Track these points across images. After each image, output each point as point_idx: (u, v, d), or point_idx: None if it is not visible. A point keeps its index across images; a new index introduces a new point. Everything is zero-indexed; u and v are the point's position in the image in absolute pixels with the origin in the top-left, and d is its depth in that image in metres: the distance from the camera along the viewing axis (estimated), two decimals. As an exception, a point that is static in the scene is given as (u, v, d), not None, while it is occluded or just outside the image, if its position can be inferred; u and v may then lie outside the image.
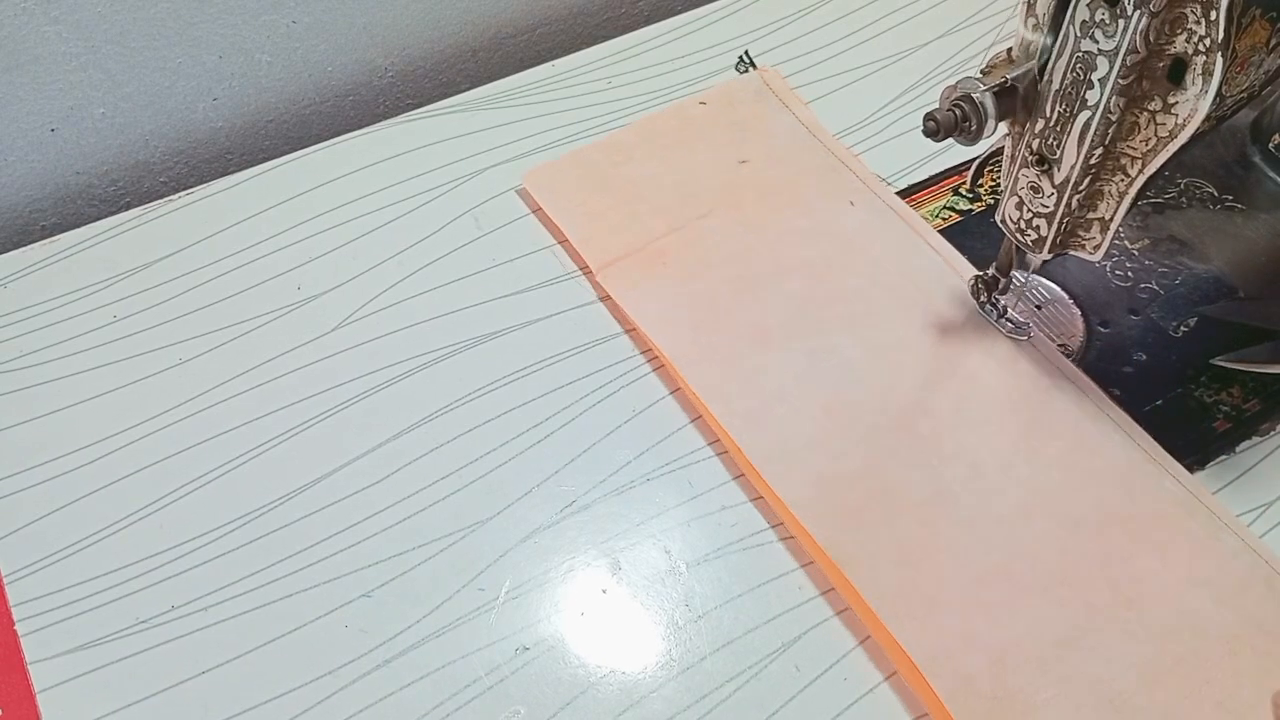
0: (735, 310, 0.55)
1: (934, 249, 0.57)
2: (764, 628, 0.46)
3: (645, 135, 0.63)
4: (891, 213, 0.59)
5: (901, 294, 0.56)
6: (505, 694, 0.44)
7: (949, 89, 0.44)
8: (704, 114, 0.64)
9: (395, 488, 0.50)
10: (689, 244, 0.58)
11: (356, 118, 0.70)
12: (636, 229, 0.58)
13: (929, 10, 0.70)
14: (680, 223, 0.58)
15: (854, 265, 0.57)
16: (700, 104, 0.65)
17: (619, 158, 0.62)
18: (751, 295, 0.56)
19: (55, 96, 0.59)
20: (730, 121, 0.64)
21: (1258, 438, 0.51)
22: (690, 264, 0.57)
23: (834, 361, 0.53)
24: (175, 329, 0.55)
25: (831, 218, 0.59)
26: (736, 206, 0.59)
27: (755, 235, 0.58)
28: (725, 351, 0.53)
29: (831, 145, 0.62)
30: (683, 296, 0.56)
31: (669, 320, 0.55)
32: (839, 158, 0.62)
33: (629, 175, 0.61)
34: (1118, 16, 0.39)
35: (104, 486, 0.50)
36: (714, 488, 0.50)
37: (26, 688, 0.44)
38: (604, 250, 0.57)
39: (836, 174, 0.61)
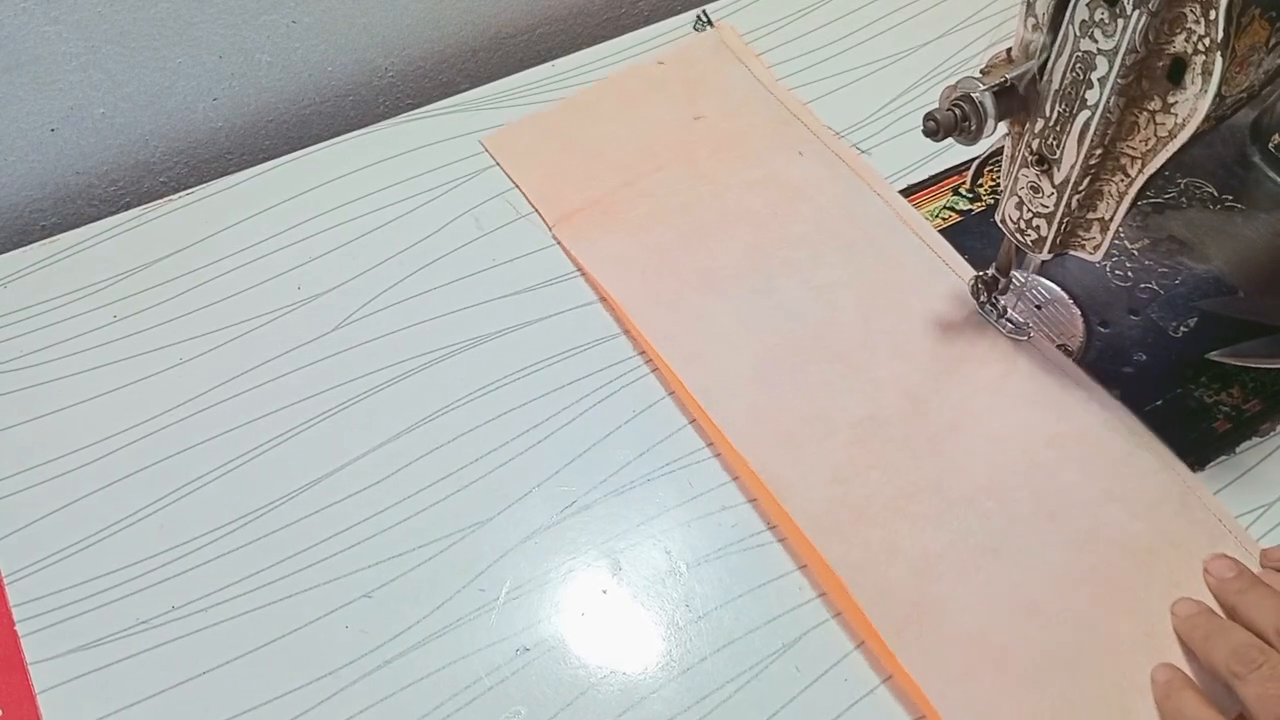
0: (684, 258, 0.57)
1: (882, 197, 0.60)
2: (764, 628, 0.46)
3: (603, 95, 0.65)
4: (839, 162, 0.61)
5: (844, 237, 0.58)
6: (505, 694, 0.44)
7: (949, 89, 0.44)
8: (661, 72, 0.66)
9: (395, 488, 0.50)
10: (642, 196, 0.60)
11: (356, 118, 0.70)
12: (592, 184, 0.61)
13: (929, 10, 0.70)
14: (634, 177, 0.61)
15: (800, 213, 0.59)
16: (659, 63, 0.67)
17: (577, 117, 0.64)
18: (700, 243, 0.58)
19: (55, 96, 0.59)
20: (687, 79, 0.66)
21: (1258, 438, 0.51)
22: (642, 216, 0.59)
23: (775, 302, 0.55)
24: (175, 329, 0.55)
25: (780, 168, 0.61)
26: (690, 160, 0.62)
27: (706, 187, 0.60)
28: (672, 296, 0.56)
29: (784, 98, 0.65)
30: (634, 246, 0.58)
31: (620, 268, 0.57)
32: (791, 110, 0.64)
33: (587, 134, 0.63)
34: (1117, 16, 0.39)
35: (104, 486, 0.50)
36: (714, 488, 0.50)
37: (26, 688, 0.44)
38: (560, 204, 0.60)
39: (788, 126, 0.63)
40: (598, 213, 0.59)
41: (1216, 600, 0.45)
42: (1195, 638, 0.43)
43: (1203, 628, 0.43)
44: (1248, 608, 0.43)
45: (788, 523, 0.48)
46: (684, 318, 0.55)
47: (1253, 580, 0.44)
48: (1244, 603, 0.43)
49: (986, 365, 0.52)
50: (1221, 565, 0.45)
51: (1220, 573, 0.45)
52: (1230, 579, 0.44)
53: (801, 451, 0.50)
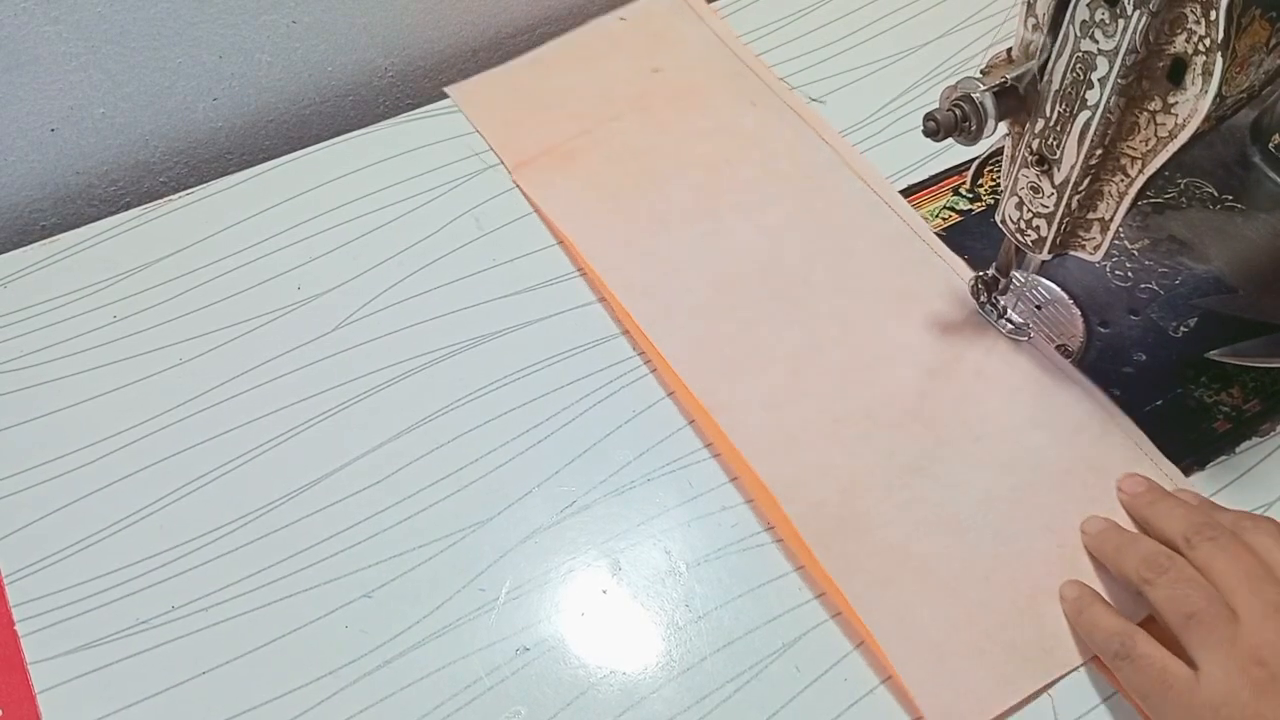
0: (638, 200, 0.60)
1: (830, 145, 0.62)
2: (764, 628, 0.46)
3: (566, 50, 0.68)
4: (790, 111, 0.64)
5: (792, 181, 0.60)
6: (505, 694, 0.44)
7: (949, 89, 0.44)
8: (622, 28, 0.68)
9: (395, 488, 0.50)
10: (599, 144, 0.62)
11: (356, 118, 0.70)
12: (552, 132, 0.63)
13: (929, 10, 0.70)
14: (592, 125, 0.63)
15: (750, 158, 0.62)
16: (620, 19, 0.69)
17: (540, 70, 0.66)
18: (653, 187, 0.60)
19: (55, 96, 0.59)
20: (647, 34, 0.68)
21: (1258, 438, 0.51)
22: (599, 161, 0.61)
23: (724, 242, 0.58)
24: (175, 329, 0.55)
25: (733, 118, 0.64)
26: (646, 110, 0.64)
27: (662, 135, 0.63)
28: (626, 236, 0.58)
29: (740, 52, 0.67)
30: (590, 190, 0.60)
31: (576, 211, 0.59)
32: (746, 63, 0.66)
33: (548, 85, 0.65)
34: (1117, 16, 0.39)
35: (104, 486, 0.50)
36: (714, 488, 0.50)
37: (26, 688, 0.44)
38: (520, 151, 0.62)
39: (742, 78, 0.66)
40: (557, 158, 0.61)
41: (1128, 515, 0.47)
42: (1107, 550, 0.45)
43: (1113, 541, 0.45)
44: (1157, 519, 0.44)
45: (725, 443, 0.50)
46: (635, 255, 0.57)
47: (1162, 494, 0.46)
48: (1154, 514, 0.45)
49: (921, 303, 0.55)
50: (1133, 482, 0.47)
51: (1131, 489, 0.47)
52: (1141, 493, 0.46)
53: (740, 379, 0.52)
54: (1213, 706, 0.37)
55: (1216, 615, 0.38)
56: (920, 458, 0.50)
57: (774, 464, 0.49)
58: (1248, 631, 0.38)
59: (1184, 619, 0.39)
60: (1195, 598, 0.39)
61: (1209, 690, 0.37)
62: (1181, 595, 0.39)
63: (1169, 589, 0.40)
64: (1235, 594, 0.39)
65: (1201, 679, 0.38)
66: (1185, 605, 0.39)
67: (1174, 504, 0.45)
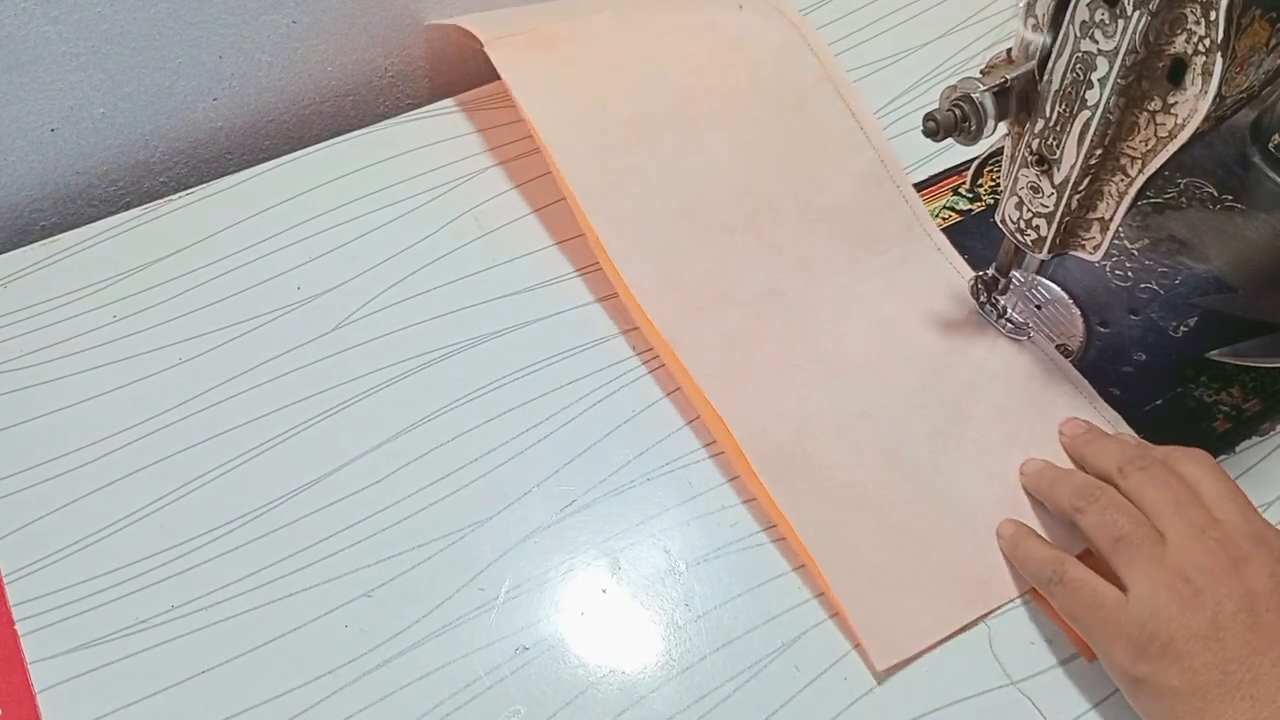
0: (612, 98, 0.57)
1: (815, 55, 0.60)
2: (764, 627, 0.46)
3: None
4: (779, 15, 0.62)
5: (774, 94, 0.59)
6: (505, 694, 0.44)
7: (949, 89, 0.44)
8: None
9: (395, 487, 0.50)
10: (579, 31, 0.60)
11: (356, 118, 0.70)
12: (533, 18, 0.60)
13: (929, 10, 0.70)
14: (574, 15, 0.61)
15: (734, 63, 0.60)
16: None
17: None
18: (632, 84, 0.58)
19: (55, 96, 0.59)
20: None
21: (1257, 438, 0.51)
22: (576, 49, 0.59)
23: (699, 159, 0.57)
24: (175, 329, 0.55)
25: (720, 17, 0.61)
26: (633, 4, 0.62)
27: (644, 30, 0.61)
28: (598, 139, 0.56)
29: None
30: (565, 79, 0.58)
31: (548, 101, 0.57)
32: None
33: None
34: (1117, 17, 0.39)
35: (104, 486, 0.50)
36: (713, 487, 0.50)
37: (26, 688, 0.44)
38: (496, 29, 0.59)
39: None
40: (536, 39, 0.59)
41: (1068, 455, 0.49)
42: (1042, 485, 0.47)
43: (1048, 476, 0.47)
44: (1094, 455, 0.46)
45: (686, 378, 0.51)
46: (606, 166, 0.56)
47: (1100, 433, 0.48)
48: (1090, 451, 0.47)
49: (881, 253, 0.56)
50: (1073, 425, 0.49)
51: (1072, 430, 0.49)
52: (1080, 434, 0.48)
53: (703, 319, 0.53)
54: (1140, 622, 0.38)
55: (1144, 537, 0.40)
56: (870, 405, 0.51)
57: (732, 402, 0.51)
58: (1173, 551, 0.39)
59: (1113, 542, 0.41)
60: (1123, 522, 0.41)
61: (1137, 607, 0.39)
62: (1110, 520, 0.41)
63: (1099, 515, 0.42)
64: (1162, 518, 0.41)
65: (1130, 598, 0.39)
66: (1114, 529, 0.41)
67: (1109, 441, 0.47)
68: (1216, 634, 0.37)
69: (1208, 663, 0.37)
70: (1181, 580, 0.39)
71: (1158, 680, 0.38)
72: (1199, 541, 0.39)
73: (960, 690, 0.44)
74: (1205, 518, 0.40)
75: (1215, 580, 0.38)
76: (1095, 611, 0.40)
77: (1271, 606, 0.38)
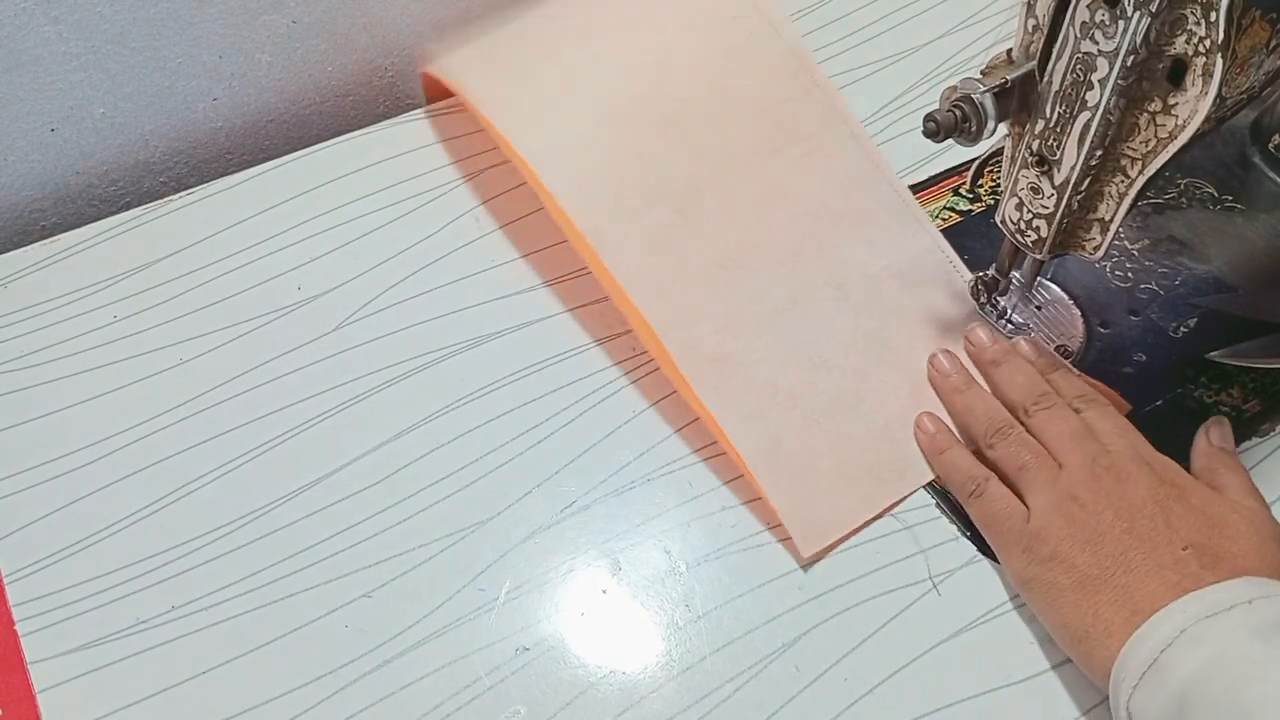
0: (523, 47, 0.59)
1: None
2: (764, 628, 0.46)
3: None
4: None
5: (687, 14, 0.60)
6: (505, 694, 0.44)
7: (949, 90, 0.44)
8: None
9: (395, 488, 0.50)
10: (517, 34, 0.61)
11: (356, 118, 0.70)
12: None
13: (929, 10, 0.70)
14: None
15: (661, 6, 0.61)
16: None
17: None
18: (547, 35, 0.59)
19: (55, 96, 0.59)
20: None
21: (1258, 438, 0.51)
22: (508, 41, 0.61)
23: (612, 62, 0.58)
24: (175, 329, 0.55)
25: None
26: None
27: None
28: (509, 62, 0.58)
29: None
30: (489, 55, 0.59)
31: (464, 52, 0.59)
32: None
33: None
34: (1118, 18, 0.39)
35: (104, 486, 0.50)
36: (714, 488, 0.50)
37: (26, 688, 0.44)
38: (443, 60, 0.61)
39: None
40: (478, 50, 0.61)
41: (974, 366, 0.52)
42: (956, 406, 0.51)
43: (964, 397, 0.51)
44: (1002, 381, 0.50)
45: (611, 283, 0.52)
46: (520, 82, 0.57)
47: (1005, 352, 0.51)
48: (998, 375, 0.51)
49: (795, 143, 0.58)
50: (980, 335, 0.52)
51: (979, 341, 0.52)
52: (987, 348, 0.52)
53: (627, 217, 0.54)
54: (1034, 532, 0.44)
55: (1043, 465, 0.46)
56: (786, 304, 0.54)
57: (657, 302, 0.52)
58: (1067, 476, 0.45)
59: (1017, 470, 0.46)
60: (1027, 455, 0.46)
61: (1036, 520, 0.44)
62: (1016, 453, 0.47)
63: (1006, 449, 0.47)
64: (1061, 451, 0.46)
65: (1031, 513, 0.45)
66: (1018, 460, 0.47)
67: (1017, 367, 0.50)
68: (1097, 540, 0.43)
69: (1088, 562, 0.42)
70: (1070, 499, 0.44)
71: (1045, 579, 0.43)
72: (1089, 469, 0.45)
73: (960, 690, 0.44)
74: (1098, 449, 0.46)
75: (1099, 497, 0.44)
76: (1002, 523, 0.46)
77: (1147, 515, 0.43)
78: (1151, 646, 0.39)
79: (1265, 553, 0.42)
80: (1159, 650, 0.38)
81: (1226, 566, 0.41)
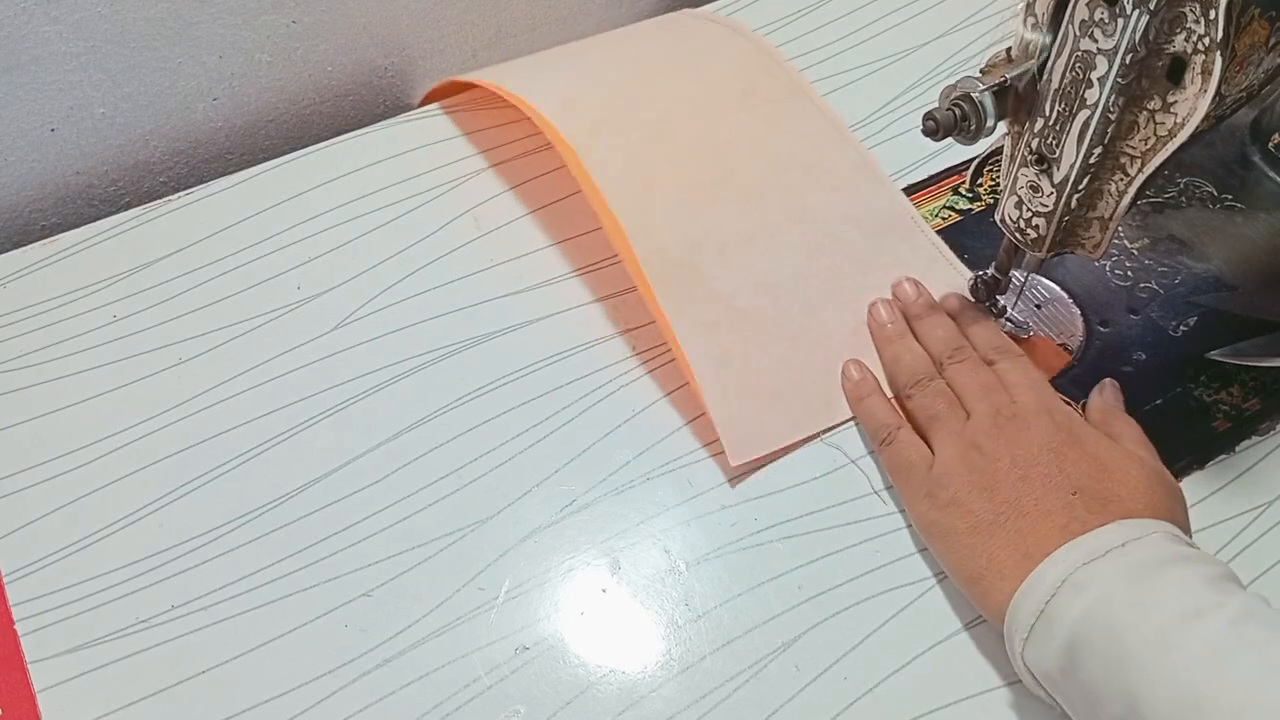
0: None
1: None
2: (764, 627, 0.46)
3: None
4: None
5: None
6: (505, 694, 0.44)
7: (948, 88, 0.44)
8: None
9: (395, 487, 0.50)
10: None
11: (356, 118, 0.70)
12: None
13: (929, 10, 0.70)
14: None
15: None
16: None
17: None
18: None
19: (55, 96, 0.59)
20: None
21: (1257, 437, 0.51)
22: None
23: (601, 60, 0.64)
24: (175, 329, 0.55)
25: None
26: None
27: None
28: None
29: None
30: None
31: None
32: None
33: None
34: (1117, 16, 0.39)
35: (104, 486, 0.50)
36: (714, 487, 0.50)
37: (26, 688, 0.44)
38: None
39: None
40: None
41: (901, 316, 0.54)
42: (886, 355, 0.53)
43: (894, 347, 0.52)
44: (923, 333, 0.52)
45: (588, 183, 0.55)
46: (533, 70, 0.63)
47: (928, 305, 0.53)
48: (921, 327, 0.53)
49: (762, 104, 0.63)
50: (904, 289, 0.54)
51: (904, 296, 0.54)
52: (911, 302, 0.54)
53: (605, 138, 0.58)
54: (938, 479, 0.46)
55: (952, 415, 0.48)
56: (750, 232, 0.57)
57: (630, 207, 0.55)
58: (972, 425, 0.47)
59: (929, 419, 0.48)
60: (940, 405, 0.48)
61: (939, 468, 0.46)
62: (929, 404, 0.49)
63: (921, 399, 0.49)
64: (970, 401, 0.48)
65: (936, 461, 0.47)
66: (931, 410, 0.49)
67: (935, 323, 0.52)
68: (993, 487, 0.44)
69: (984, 508, 0.44)
70: (973, 447, 0.46)
71: (944, 523, 0.45)
72: (992, 418, 0.46)
73: (960, 690, 0.44)
74: (1004, 400, 0.47)
75: (999, 445, 0.45)
76: (908, 470, 0.47)
77: (1042, 462, 0.44)
78: (1039, 596, 0.40)
79: (1153, 495, 0.43)
80: (1045, 600, 0.40)
81: (1113, 509, 0.42)
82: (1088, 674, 0.38)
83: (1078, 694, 0.39)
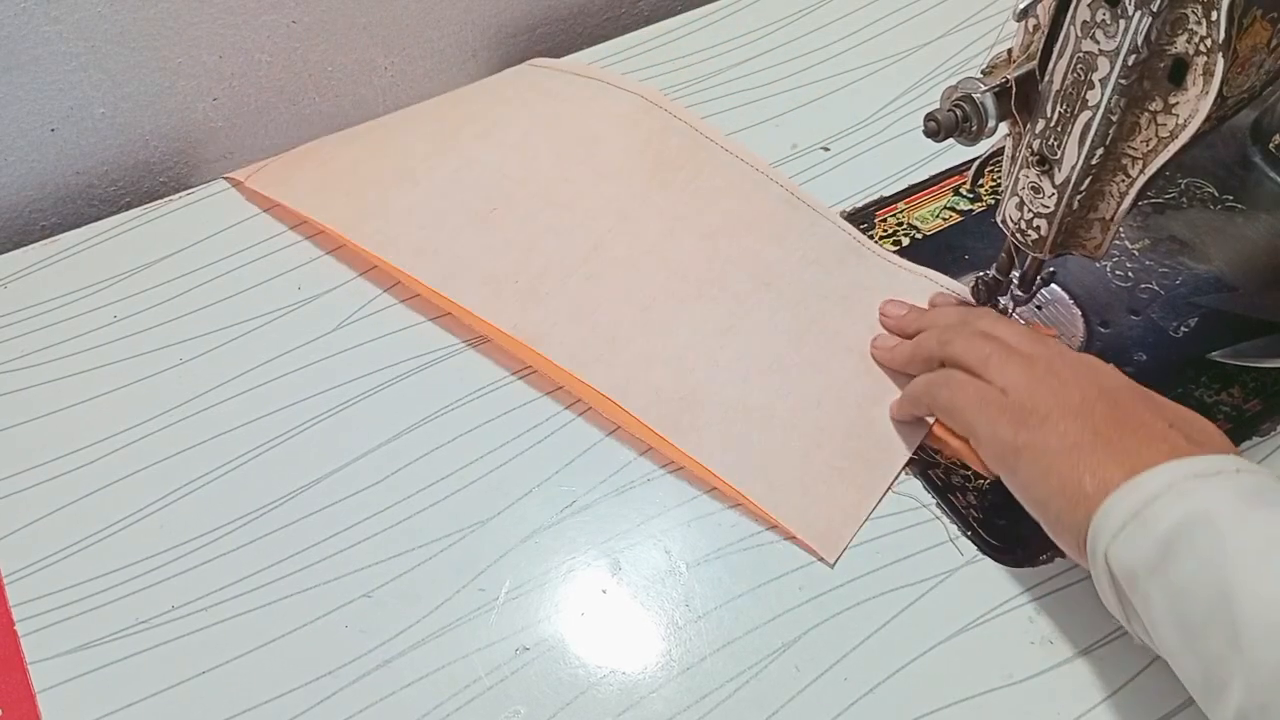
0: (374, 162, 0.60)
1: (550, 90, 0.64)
2: (764, 628, 0.46)
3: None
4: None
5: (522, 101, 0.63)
6: (505, 694, 0.44)
7: (949, 89, 0.44)
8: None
9: (395, 488, 0.50)
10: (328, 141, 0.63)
11: (356, 118, 0.70)
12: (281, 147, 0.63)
13: (929, 10, 0.70)
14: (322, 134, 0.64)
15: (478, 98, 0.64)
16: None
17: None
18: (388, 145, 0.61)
19: (55, 96, 0.59)
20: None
21: (1258, 438, 0.51)
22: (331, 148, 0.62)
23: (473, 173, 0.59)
24: (175, 329, 0.55)
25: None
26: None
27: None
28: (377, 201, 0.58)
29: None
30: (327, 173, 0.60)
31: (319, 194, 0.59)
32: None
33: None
34: (1119, 17, 0.39)
35: (104, 486, 0.50)
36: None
37: (26, 688, 0.44)
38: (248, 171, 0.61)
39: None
40: (289, 160, 0.61)
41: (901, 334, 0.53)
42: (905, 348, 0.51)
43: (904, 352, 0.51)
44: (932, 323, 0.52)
45: (555, 369, 0.52)
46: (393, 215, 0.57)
47: (919, 314, 0.53)
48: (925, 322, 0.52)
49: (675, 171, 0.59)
50: (892, 307, 0.54)
51: (893, 312, 0.54)
52: (902, 315, 0.53)
53: (544, 300, 0.54)
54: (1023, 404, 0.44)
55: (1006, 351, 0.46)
56: (728, 319, 0.54)
57: (602, 369, 0.52)
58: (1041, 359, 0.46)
59: (981, 360, 0.46)
60: (986, 346, 0.47)
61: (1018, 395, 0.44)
62: (975, 346, 0.47)
63: (961, 344, 0.48)
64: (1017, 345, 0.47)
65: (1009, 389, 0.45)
66: (980, 352, 0.47)
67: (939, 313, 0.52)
68: (1086, 409, 0.43)
69: (1080, 428, 0.42)
70: (1049, 373, 0.45)
71: (1037, 444, 0.43)
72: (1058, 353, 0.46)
73: (960, 690, 0.44)
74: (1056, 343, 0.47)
75: (1079, 374, 0.44)
76: (981, 403, 0.45)
77: (1126, 397, 0.44)
78: (1138, 498, 0.39)
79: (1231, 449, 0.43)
80: (1146, 503, 0.39)
81: (1210, 447, 0.42)
82: (1180, 570, 0.37)
83: (1161, 591, 0.38)
